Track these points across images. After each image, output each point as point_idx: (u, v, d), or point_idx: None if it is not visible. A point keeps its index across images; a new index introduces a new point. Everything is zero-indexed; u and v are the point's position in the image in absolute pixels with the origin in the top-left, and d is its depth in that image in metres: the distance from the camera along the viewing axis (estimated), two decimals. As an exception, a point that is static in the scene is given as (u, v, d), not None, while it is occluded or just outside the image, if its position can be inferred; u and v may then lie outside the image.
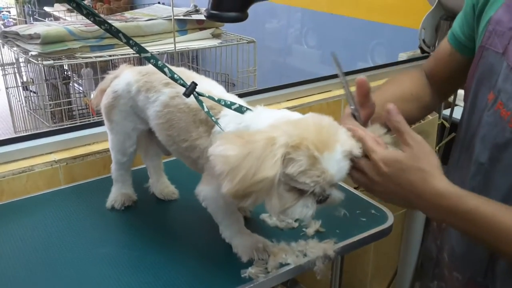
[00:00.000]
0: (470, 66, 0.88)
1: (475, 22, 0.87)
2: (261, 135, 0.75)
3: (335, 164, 0.75)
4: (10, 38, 2.03)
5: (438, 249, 0.98)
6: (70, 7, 3.90)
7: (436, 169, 0.75)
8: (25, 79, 2.36)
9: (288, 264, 0.94)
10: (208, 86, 0.95)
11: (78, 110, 2.34)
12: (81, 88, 2.45)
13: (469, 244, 0.88)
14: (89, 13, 0.83)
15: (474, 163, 0.84)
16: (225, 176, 0.74)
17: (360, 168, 0.79)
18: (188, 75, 0.97)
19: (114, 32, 0.85)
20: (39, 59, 1.81)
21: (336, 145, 0.75)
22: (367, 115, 0.86)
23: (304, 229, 1.05)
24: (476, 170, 0.84)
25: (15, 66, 2.26)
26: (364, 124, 0.85)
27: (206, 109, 0.88)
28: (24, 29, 1.92)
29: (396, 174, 0.75)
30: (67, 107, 2.07)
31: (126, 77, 1.06)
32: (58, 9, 4.00)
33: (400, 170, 0.75)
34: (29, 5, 4.88)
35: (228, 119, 0.90)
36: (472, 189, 0.82)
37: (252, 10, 1.08)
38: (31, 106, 2.34)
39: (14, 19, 5.70)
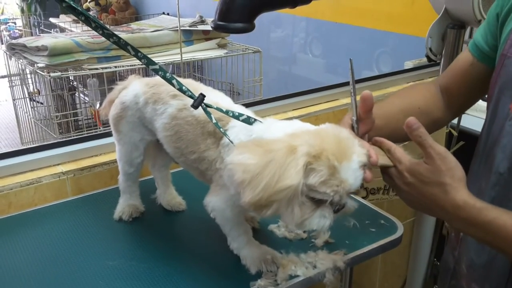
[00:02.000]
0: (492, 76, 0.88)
1: (498, 31, 0.87)
2: (281, 144, 0.75)
3: (352, 174, 0.77)
4: (17, 50, 2.04)
5: (456, 260, 0.97)
6: (75, 18, 3.94)
7: (458, 182, 0.76)
8: (31, 90, 2.37)
9: (297, 276, 0.93)
10: (215, 97, 0.95)
11: (84, 120, 2.34)
12: (86, 98, 2.46)
13: (490, 256, 0.87)
14: (97, 26, 0.83)
15: (494, 173, 0.84)
16: (247, 185, 0.74)
17: (389, 174, 0.83)
18: (195, 86, 0.97)
19: (123, 45, 0.85)
20: (45, 71, 1.82)
21: (353, 155, 0.77)
22: (365, 131, 0.88)
23: (313, 240, 1.04)
24: (496, 180, 0.84)
25: (20, 77, 2.28)
26: (361, 137, 0.87)
27: (214, 121, 0.88)
28: (31, 41, 1.93)
29: (419, 185, 0.79)
30: (74, 118, 2.07)
31: (134, 88, 1.06)
32: (63, 20, 4.03)
33: (423, 183, 0.78)
34: (35, 16, 4.92)
35: (236, 130, 0.90)
36: (491, 199, 0.82)
37: (257, 20, 1.08)
38: (37, 116, 2.35)
39: (20, 30, 5.75)
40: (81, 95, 2.49)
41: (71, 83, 2.48)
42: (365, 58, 2.46)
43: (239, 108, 0.95)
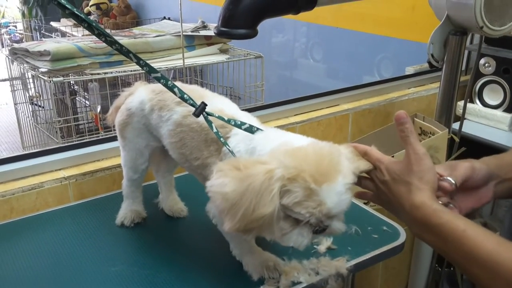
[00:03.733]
0: None
1: None
2: (259, 168, 0.74)
3: (335, 197, 0.74)
4: (20, 54, 2.04)
5: None
6: (76, 22, 3.95)
7: (425, 184, 0.74)
8: (31, 94, 2.38)
9: (300, 282, 0.93)
10: (220, 104, 0.96)
11: (85, 124, 2.34)
12: (87, 102, 2.47)
13: None
14: (100, 33, 0.83)
15: None
16: (226, 214, 0.74)
17: (371, 176, 0.83)
18: (201, 93, 0.98)
19: (125, 52, 0.85)
20: (46, 76, 1.82)
21: (338, 176, 0.75)
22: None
23: (315, 247, 1.04)
24: None
25: (22, 81, 2.28)
26: None
27: (215, 130, 0.88)
28: (33, 45, 1.93)
29: (390, 183, 0.78)
30: (75, 123, 2.07)
31: (139, 95, 1.07)
32: (64, 24, 4.04)
33: (394, 181, 0.77)
34: (36, 20, 4.93)
35: (238, 139, 0.90)
36: None
37: (259, 25, 1.08)
38: (38, 120, 2.35)
39: (21, 33, 5.77)
40: (82, 99, 2.49)
41: (72, 87, 2.48)
42: (366, 64, 2.46)
43: (244, 115, 0.95)
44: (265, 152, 0.81)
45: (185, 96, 0.89)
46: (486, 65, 1.82)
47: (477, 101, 1.88)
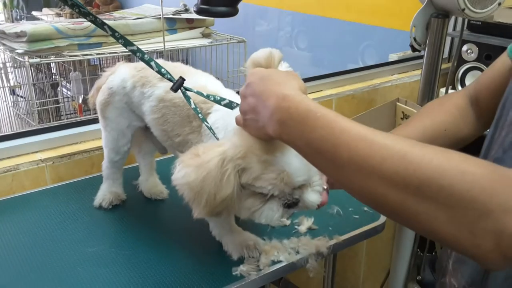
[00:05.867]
0: None
1: None
2: (214, 152, 0.74)
3: (295, 161, 0.72)
4: (-4, 37, 1.99)
5: (447, 257, 0.94)
6: (58, 12, 3.88)
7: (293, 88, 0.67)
8: (12, 84, 2.32)
9: (280, 261, 0.92)
10: (203, 80, 0.94)
11: (66, 114, 2.30)
12: (69, 92, 2.42)
13: None
14: (74, 4, 0.81)
15: None
16: (192, 203, 0.75)
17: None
18: (183, 69, 0.96)
19: (99, 24, 0.83)
20: (25, 57, 1.78)
21: None
22: None
23: (296, 227, 1.03)
24: None
25: (2, 71, 2.22)
26: None
27: (193, 106, 0.87)
28: (10, 27, 1.88)
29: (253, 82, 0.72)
30: (55, 105, 2.03)
31: (121, 73, 1.04)
32: (46, 13, 3.97)
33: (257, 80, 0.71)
34: (17, 10, 4.84)
35: (219, 115, 0.88)
36: None
37: (242, 13, 1.06)
38: (19, 111, 2.30)
39: (2, 24, 5.65)
40: (64, 89, 2.44)
41: (53, 76, 2.43)
42: (350, 52, 2.46)
43: (228, 93, 0.93)
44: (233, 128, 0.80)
45: (163, 70, 0.87)
46: (469, 51, 1.83)
47: (460, 87, 1.88)
